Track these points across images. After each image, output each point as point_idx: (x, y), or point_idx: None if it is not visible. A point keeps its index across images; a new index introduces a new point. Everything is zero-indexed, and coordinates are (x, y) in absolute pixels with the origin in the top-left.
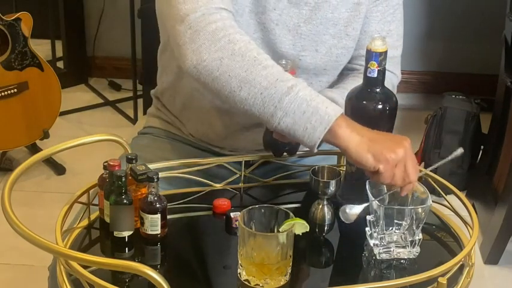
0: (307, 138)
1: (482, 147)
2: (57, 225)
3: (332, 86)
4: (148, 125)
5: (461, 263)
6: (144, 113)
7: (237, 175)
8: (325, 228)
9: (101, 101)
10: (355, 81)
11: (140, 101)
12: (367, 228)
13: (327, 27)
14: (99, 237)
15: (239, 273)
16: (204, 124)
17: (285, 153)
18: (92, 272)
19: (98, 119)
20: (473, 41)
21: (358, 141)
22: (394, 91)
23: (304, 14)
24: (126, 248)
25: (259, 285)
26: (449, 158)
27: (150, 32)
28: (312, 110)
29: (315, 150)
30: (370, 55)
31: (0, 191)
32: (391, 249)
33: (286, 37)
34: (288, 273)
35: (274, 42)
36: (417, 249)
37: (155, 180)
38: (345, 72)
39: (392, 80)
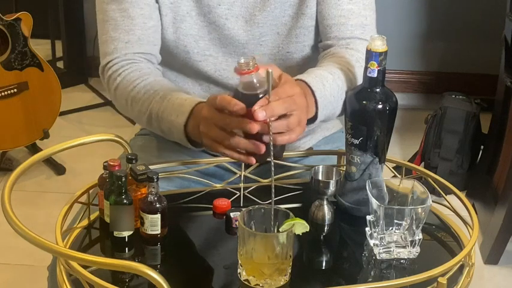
0: (190, 147)
1: (482, 147)
2: (57, 225)
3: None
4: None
5: (461, 263)
6: None
7: (237, 175)
8: (325, 228)
9: (101, 101)
10: (333, 59)
11: None
12: (367, 228)
13: (285, 8)
14: (99, 237)
15: (239, 273)
16: None
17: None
18: (92, 272)
19: (98, 119)
20: (473, 41)
21: (203, 142)
22: None
23: (258, 2)
24: (126, 248)
25: (259, 285)
26: None
27: None
28: (170, 125)
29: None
30: (370, 55)
31: (0, 191)
32: (391, 249)
33: (244, 28)
34: (288, 273)
35: (231, 37)
36: (417, 249)
37: (155, 180)
38: (322, 54)
39: None
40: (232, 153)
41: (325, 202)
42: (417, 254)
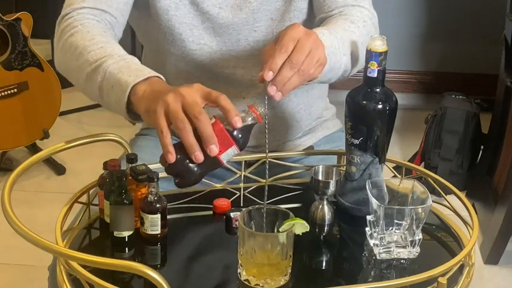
0: (120, 112)
1: (482, 147)
2: (57, 225)
3: None
4: (145, 126)
5: (461, 263)
6: None
7: (237, 175)
8: (325, 228)
9: None
10: (326, 25)
11: None
12: (367, 228)
13: None
14: (99, 237)
15: (239, 273)
16: None
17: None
18: (91, 272)
19: (98, 119)
20: (473, 41)
21: (144, 106)
22: (377, 32)
23: None
24: (126, 248)
25: (259, 285)
26: None
27: None
28: (115, 82)
29: (136, 122)
30: (370, 55)
31: (0, 191)
32: (391, 249)
33: (238, 16)
34: (288, 273)
35: (225, 26)
36: (417, 249)
37: (155, 180)
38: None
39: (372, 19)
40: (166, 135)
41: (325, 202)
42: (417, 254)
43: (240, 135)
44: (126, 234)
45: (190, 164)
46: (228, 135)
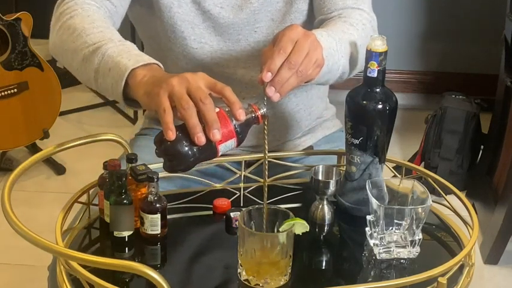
0: (116, 95)
1: (482, 147)
2: (57, 225)
3: None
4: (145, 126)
5: (461, 263)
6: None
7: (237, 175)
8: (325, 228)
9: (100, 100)
10: (325, 27)
11: None
12: (367, 228)
13: None
14: (99, 237)
15: (239, 273)
16: None
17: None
18: (91, 272)
19: (98, 119)
20: (473, 41)
21: (143, 90)
22: (376, 34)
23: None
24: (126, 248)
25: (259, 285)
26: None
27: None
28: (114, 65)
29: (128, 108)
30: (370, 55)
31: (0, 191)
32: (391, 249)
33: (239, 16)
34: (288, 273)
35: (226, 25)
36: (417, 249)
37: (155, 180)
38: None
39: (371, 22)
40: (168, 113)
41: (325, 202)
42: (417, 254)
43: (240, 130)
44: (126, 234)
45: (187, 147)
46: (231, 126)
